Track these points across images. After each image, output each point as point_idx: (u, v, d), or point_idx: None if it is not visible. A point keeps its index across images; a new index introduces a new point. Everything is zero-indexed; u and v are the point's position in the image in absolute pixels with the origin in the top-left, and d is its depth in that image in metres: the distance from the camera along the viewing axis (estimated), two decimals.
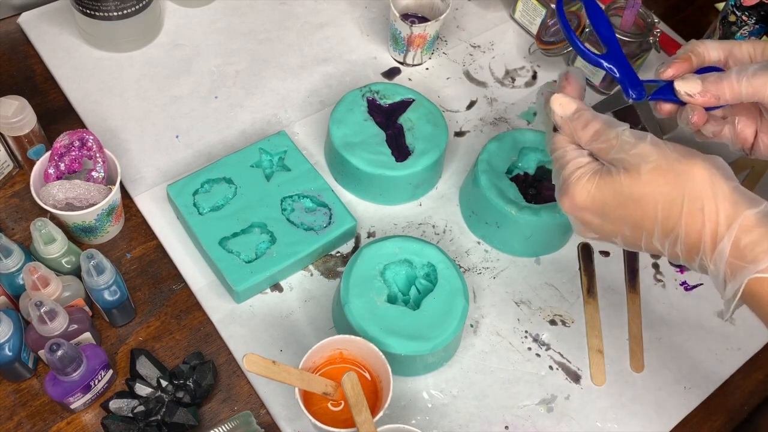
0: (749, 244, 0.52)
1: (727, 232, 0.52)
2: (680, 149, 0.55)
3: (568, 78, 0.64)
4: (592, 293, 0.81)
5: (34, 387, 0.70)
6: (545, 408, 0.74)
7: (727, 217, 0.52)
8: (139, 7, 0.88)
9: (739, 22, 0.86)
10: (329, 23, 1.00)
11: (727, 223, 0.52)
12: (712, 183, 0.53)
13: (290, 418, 0.70)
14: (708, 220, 0.53)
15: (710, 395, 0.77)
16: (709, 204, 0.53)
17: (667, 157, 0.54)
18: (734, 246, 0.52)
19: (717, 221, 0.52)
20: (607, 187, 0.57)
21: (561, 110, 0.60)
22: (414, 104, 0.86)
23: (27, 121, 0.74)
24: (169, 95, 0.90)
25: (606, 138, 0.57)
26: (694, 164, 0.54)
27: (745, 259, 0.52)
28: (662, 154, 0.55)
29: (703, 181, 0.53)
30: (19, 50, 0.93)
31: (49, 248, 0.70)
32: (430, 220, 0.85)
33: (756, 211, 0.52)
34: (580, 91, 0.63)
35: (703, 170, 0.53)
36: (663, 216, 0.54)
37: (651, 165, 0.54)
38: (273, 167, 0.82)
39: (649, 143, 0.56)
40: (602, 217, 0.58)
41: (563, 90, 0.63)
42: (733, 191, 0.53)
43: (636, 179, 0.55)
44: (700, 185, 0.53)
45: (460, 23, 1.03)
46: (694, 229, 0.53)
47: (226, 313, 0.76)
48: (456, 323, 0.71)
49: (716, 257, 0.53)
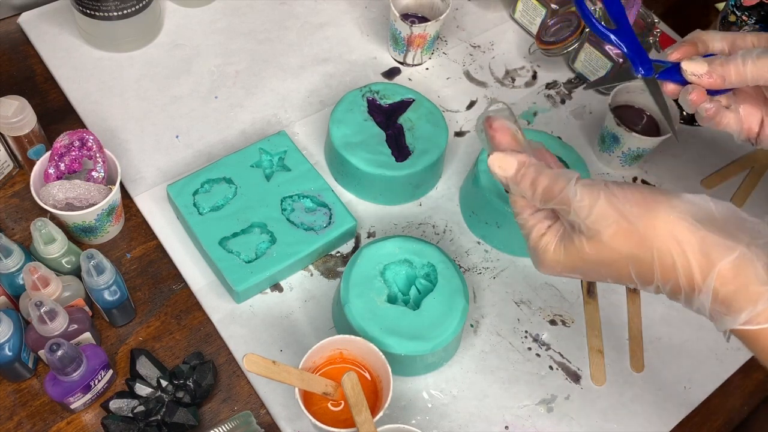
0: (728, 295, 0.49)
1: (704, 285, 0.50)
2: (639, 198, 0.51)
3: (493, 127, 0.59)
4: (592, 293, 0.81)
5: (34, 387, 0.70)
6: (545, 408, 0.74)
7: (702, 269, 0.49)
8: (139, 7, 0.88)
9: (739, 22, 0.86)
10: (329, 23, 1.00)
11: (702, 276, 0.49)
12: (678, 237, 0.50)
13: (290, 418, 0.70)
14: (683, 275, 0.50)
15: (710, 395, 0.77)
16: (680, 259, 0.50)
17: (627, 215, 0.51)
18: (714, 298, 0.49)
19: (692, 274, 0.50)
20: (574, 254, 0.54)
21: (502, 172, 0.56)
22: (414, 104, 0.86)
23: (27, 121, 0.74)
24: (169, 95, 0.90)
25: (559, 199, 0.53)
26: (656, 218, 0.50)
27: (728, 309, 0.49)
28: (620, 213, 0.51)
29: (669, 237, 0.50)
30: (19, 50, 0.93)
31: (49, 248, 0.70)
32: (430, 220, 0.85)
33: (731, 258, 0.49)
34: (511, 135, 0.59)
35: (666, 224, 0.50)
36: (638, 273, 0.52)
37: (611, 229, 0.52)
38: (273, 167, 0.82)
39: (604, 202, 0.52)
40: (581, 275, 0.56)
41: (494, 141, 0.59)
42: (702, 242, 0.49)
43: (600, 245, 0.52)
44: (667, 242, 0.50)
45: (460, 23, 1.03)
46: (672, 281, 0.51)
47: (226, 313, 0.76)
48: (456, 323, 0.71)
49: (698, 305, 0.51)
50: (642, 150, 0.85)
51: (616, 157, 0.87)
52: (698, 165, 0.93)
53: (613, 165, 0.89)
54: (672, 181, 0.91)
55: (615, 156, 0.87)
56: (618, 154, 0.87)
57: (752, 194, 0.91)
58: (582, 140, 0.93)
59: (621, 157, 0.87)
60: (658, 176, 0.91)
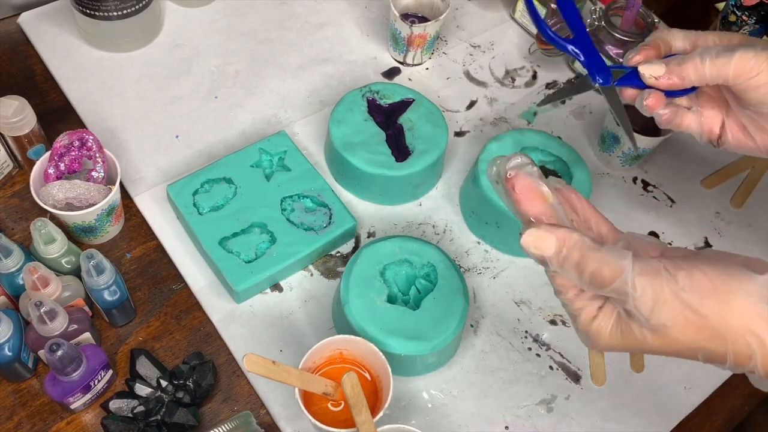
0: None
1: None
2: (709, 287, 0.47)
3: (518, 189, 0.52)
4: None
5: (34, 387, 0.70)
6: (545, 408, 0.74)
7: None
8: (139, 7, 0.88)
9: (739, 22, 0.86)
10: (329, 23, 1.00)
11: None
12: (756, 330, 0.46)
13: (290, 418, 0.70)
14: (760, 364, 0.47)
15: (710, 395, 0.77)
16: (759, 350, 0.47)
17: (697, 308, 0.46)
18: None
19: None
20: (633, 340, 0.49)
21: (539, 252, 0.50)
22: (414, 104, 0.86)
23: (27, 121, 0.74)
24: (169, 95, 0.90)
25: (613, 288, 0.48)
26: (730, 311, 0.46)
27: None
28: (690, 306, 0.47)
29: (745, 330, 0.46)
30: (19, 50, 0.93)
31: (49, 248, 0.69)
32: (430, 220, 0.85)
33: None
34: (540, 198, 0.52)
35: (742, 317, 0.46)
36: (707, 358, 0.49)
37: (679, 323, 0.47)
38: (273, 167, 0.82)
39: (669, 296, 0.47)
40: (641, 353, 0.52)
41: (519, 207, 0.52)
42: None
43: (666, 338, 0.48)
44: (743, 334, 0.46)
45: (460, 23, 1.03)
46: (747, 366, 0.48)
47: (226, 313, 0.76)
48: (456, 323, 0.71)
49: None
50: (642, 150, 0.85)
51: (616, 157, 0.87)
52: (698, 165, 0.93)
53: (613, 165, 0.89)
54: (672, 181, 0.91)
55: (615, 156, 0.87)
56: (618, 154, 0.87)
57: (752, 194, 0.91)
58: (582, 140, 0.93)
59: (621, 157, 0.87)
60: (658, 176, 0.91)
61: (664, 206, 0.89)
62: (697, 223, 0.88)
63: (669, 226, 0.88)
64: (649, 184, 0.91)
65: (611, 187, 0.90)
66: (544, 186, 0.52)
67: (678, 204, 0.90)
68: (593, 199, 0.88)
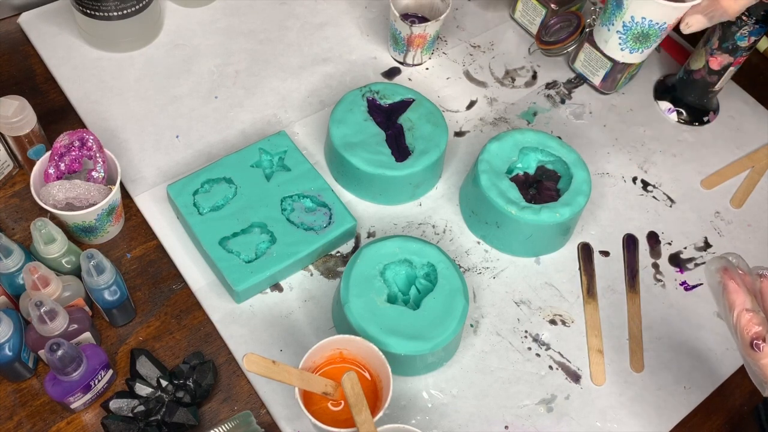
0: None
1: None
2: None
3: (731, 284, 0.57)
4: (592, 293, 0.81)
5: (34, 387, 0.70)
6: (545, 408, 0.74)
7: None
8: (139, 7, 0.88)
9: (739, 22, 0.86)
10: (329, 23, 1.00)
11: None
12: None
13: (290, 418, 0.70)
14: None
15: (710, 395, 0.77)
16: None
17: None
18: None
19: None
20: None
21: None
22: (414, 104, 0.86)
23: (27, 121, 0.74)
24: (169, 95, 0.90)
25: None
26: None
27: None
28: None
29: None
30: (19, 50, 0.93)
31: (49, 248, 0.70)
32: (430, 220, 0.85)
33: None
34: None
35: None
36: None
37: None
38: (273, 167, 0.82)
39: None
40: None
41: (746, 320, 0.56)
42: None
43: None
44: None
45: (460, 23, 1.03)
46: None
47: (226, 313, 0.76)
48: (456, 323, 0.71)
49: None
50: (651, 24, 0.70)
51: (616, 32, 0.71)
52: (698, 165, 0.93)
53: (611, 47, 0.74)
54: (672, 181, 0.91)
55: (614, 31, 0.71)
56: (618, 27, 0.71)
57: (752, 194, 0.91)
58: (582, 140, 0.93)
59: (621, 33, 0.71)
60: (658, 176, 0.91)
61: (664, 206, 0.89)
62: (697, 223, 0.88)
63: (669, 226, 0.88)
64: (649, 184, 0.91)
65: (611, 187, 0.90)
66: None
67: (678, 204, 0.90)
68: (593, 199, 0.88)
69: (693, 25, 0.64)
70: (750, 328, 0.55)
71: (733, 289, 0.56)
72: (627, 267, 0.84)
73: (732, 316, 0.56)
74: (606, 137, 0.94)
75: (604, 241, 0.85)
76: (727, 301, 0.56)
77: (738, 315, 0.55)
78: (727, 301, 0.56)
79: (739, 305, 0.55)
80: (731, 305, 0.56)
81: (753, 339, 0.54)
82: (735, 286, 0.56)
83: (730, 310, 0.56)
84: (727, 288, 0.56)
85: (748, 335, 0.55)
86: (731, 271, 0.57)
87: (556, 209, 0.78)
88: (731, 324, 0.56)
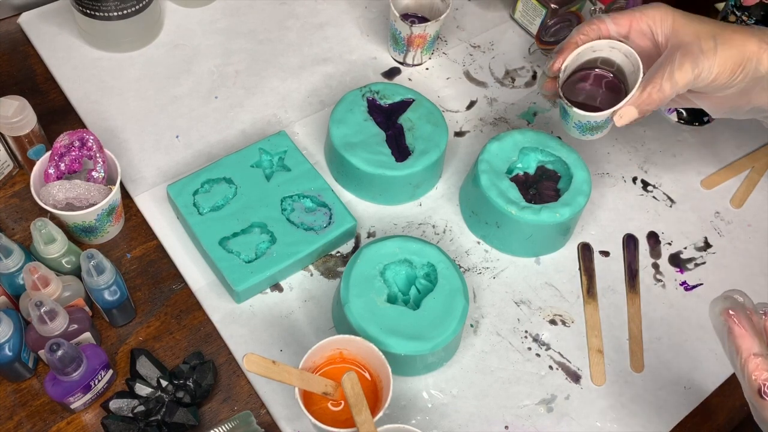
0: None
1: None
2: None
3: (736, 328, 0.56)
4: (591, 293, 0.81)
5: (34, 387, 0.70)
6: (545, 408, 0.74)
7: None
8: (139, 7, 0.88)
9: (739, 22, 0.86)
10: (329, 23, 1.00)
11: None
12: None
13: (290, 418, 0.70)
14: None
15: (710, 395, 0.77)
16: None
17: None
18: None
19: None
20: None
21: None
22: (414, 104, 0.86)
23: (27, 121, 0.74)
24: (169, 95, 0.90)
25: None
26: None
27: None
28: None
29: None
30: (19, 50, 0.93)
31: (49, 248, 0.70)
32: (430, 220, 0.85)
33: None
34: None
35: None
36: None
37: None
38: (273, 167, 0.82)
39: None
40: None
41: (750, 361, 0.55)
42: None
43: None
44: None
45: (460, 23, 1.03)
46: None
47: (226, 313, 0.76)
48: (456, 323, 0.71)
49: None
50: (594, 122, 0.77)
51: (572, 126, 0.79)
52: (698, 165, 0.93)
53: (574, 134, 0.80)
54: (672, 181, 0.91)
55: (571, 125, 0.79)
56: (573, 124, 0.79)
57: (752, 194, 0.91)
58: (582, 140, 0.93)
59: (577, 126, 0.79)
60: (658, 176, 0.91)
61: (664, 206, 0.89)
62: (697, 223, 0.88)
63: (669, 226, 0.88)
64: (649, 184, 0.91)
65: (611, 187, 0.90)
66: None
67: (678, 204, 0.90)
68: (593, 199, 0.88)
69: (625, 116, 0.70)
70: (759, 375, 0.54)
71: (739, 334, 0.55)
72: (627, 267, 0.84)
73: (739, 361, 0.55)
74: (606, 137, 0.94)
75: (604, 241, 0.85)
76: (733, 345, 0.56)
77: (745, 360, 0.54)
78: (734, 346, 0.56)
79: (746, 350, 0.55)
80: (737, 350, 0.55)
81: (762, 386, 0.54)
82: (741, 330, 0.55)
83: (736, 354, 0.55)
84: (733, 332, 0.55)
85: (756, 382, 0.54)
86: (737, 312, 0.56)
87: (556, 209, 0.78)
88: (738, 368, 0.56)
